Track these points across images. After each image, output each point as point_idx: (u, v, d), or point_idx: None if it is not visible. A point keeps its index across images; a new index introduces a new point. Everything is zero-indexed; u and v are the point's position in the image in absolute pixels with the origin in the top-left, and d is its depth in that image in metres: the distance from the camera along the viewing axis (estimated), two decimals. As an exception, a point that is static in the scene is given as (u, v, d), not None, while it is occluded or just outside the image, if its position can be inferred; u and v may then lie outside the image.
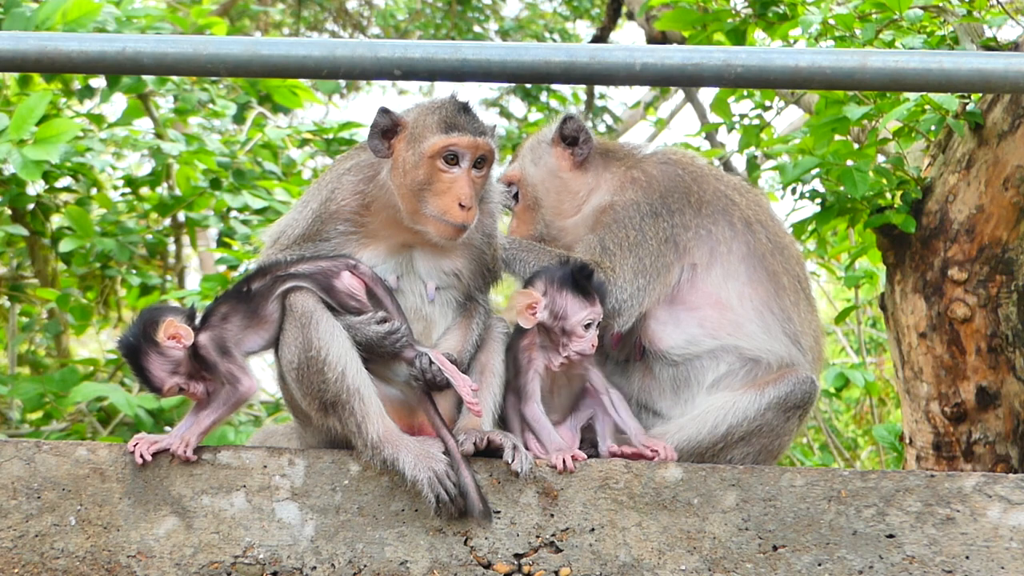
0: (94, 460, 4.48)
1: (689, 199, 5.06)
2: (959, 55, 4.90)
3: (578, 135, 5.27)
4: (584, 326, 4.64)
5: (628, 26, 17.10)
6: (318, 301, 4.57)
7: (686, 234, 5.01)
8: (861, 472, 4.38)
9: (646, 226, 5.00)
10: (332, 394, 4.48)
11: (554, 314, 4.65)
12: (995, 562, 4.26)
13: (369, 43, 5.09)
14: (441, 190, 4.62)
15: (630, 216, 5.02)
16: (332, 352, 4.49)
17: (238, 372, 4.55)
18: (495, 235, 4.88)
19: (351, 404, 4.47)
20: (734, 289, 5.01)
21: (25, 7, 8.10)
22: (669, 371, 5.00)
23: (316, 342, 4.50)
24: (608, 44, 11.55)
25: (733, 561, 4.33)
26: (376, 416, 4.47)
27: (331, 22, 19.10)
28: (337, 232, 4.75)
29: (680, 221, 5.02)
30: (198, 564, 4.41)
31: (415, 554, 4.39)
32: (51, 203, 9.54)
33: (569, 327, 4.63)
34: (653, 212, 5.02)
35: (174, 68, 5.13)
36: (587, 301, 4.65)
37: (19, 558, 4.43)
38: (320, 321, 4.53)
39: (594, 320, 4.65)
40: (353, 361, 4.50)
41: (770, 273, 5.05)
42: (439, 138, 4.63)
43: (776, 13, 7.40)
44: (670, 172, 5.13)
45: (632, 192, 5.08)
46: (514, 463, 4.36)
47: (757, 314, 4.99)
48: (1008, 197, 6.58)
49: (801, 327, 5.04)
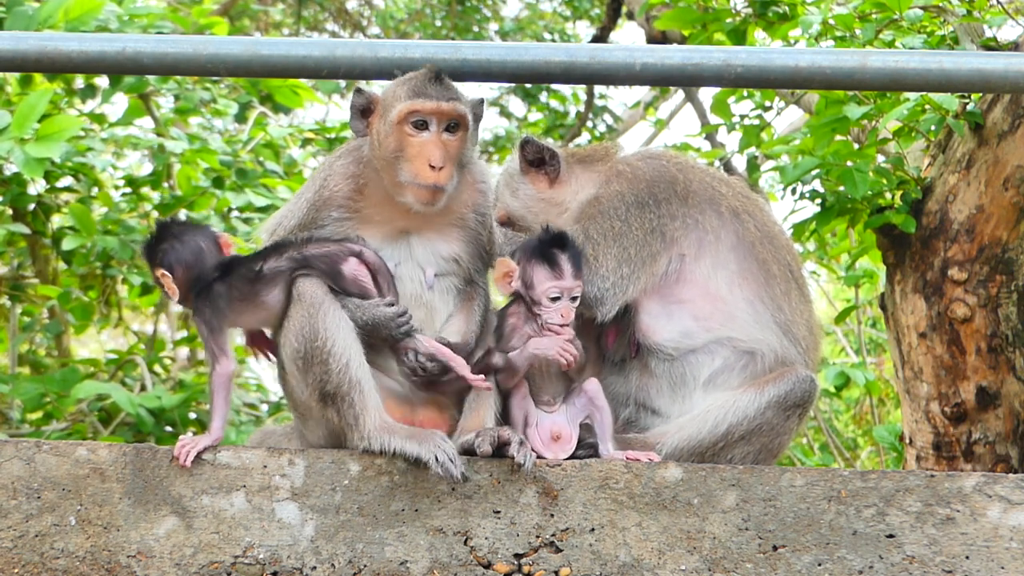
0: (94, 460, 4.48)
1: (675, 188, 5.04)
2: (959, 55, 4.91)
3: (542, 155, 5.24)
4: (550, 298, 4.63)
5: (628, 26, 17.09)
6: (327, 291, 4.61)
7: (673, 223, 5.00)
8: (861, 472, 4.38)
9: (631, 216, 4.99)
10: (334, 385, 4.51)
11: (524, 283, 4.66)
12: (995, 562, 4.26)
13: (369, 43, 5.10)
14: (412, 155, 4.65)
15: (615, 207, 5.00)
16: (338, 343, 4.52)
17: (218, 352, 4.60)
18: (488, 214, 4.89)
19: (351, 396, 4.50)
20: (724, 279, 5.00)
21: (27, 6, 8.10)
22: (665, 367, 4.99)
23: (323, 332, 4.54)
24: (608, 44, 11.55)
25: (733, 561, 4.33)
26: (374, 409, 4.50)
27: (331, 22, 19.09)
28: (332, 219, 4.77)
29: (667, 211, 5.01)
30: (198, 564, 4.41)
31: (415, 554, 4.40)
32: (52, 203, 9.54)
33: (535, 296, 4.63)
34: (639, 202, 5.01)
35: (174, 68, 5.14)
36: (553, 272, 4.63)
37: (19, 558, 4.43)
38: (328, 311, 4.56)
39: (561, 292, 4.63)
40: (357, 353, 4.54)
41: (759, 262, 5.04)
42: (404, 104, 4.67)
43: (776, 13, 7.39)
44: (655, 164, 5.12)
45: (617, 184, 5.06)
46: (518, 456, 4.40)
47: (748, 304, 4.98)
48: (1008, 197, 6.58)
49: (792, 316, 5.03)
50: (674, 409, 4.96)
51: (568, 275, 4.64)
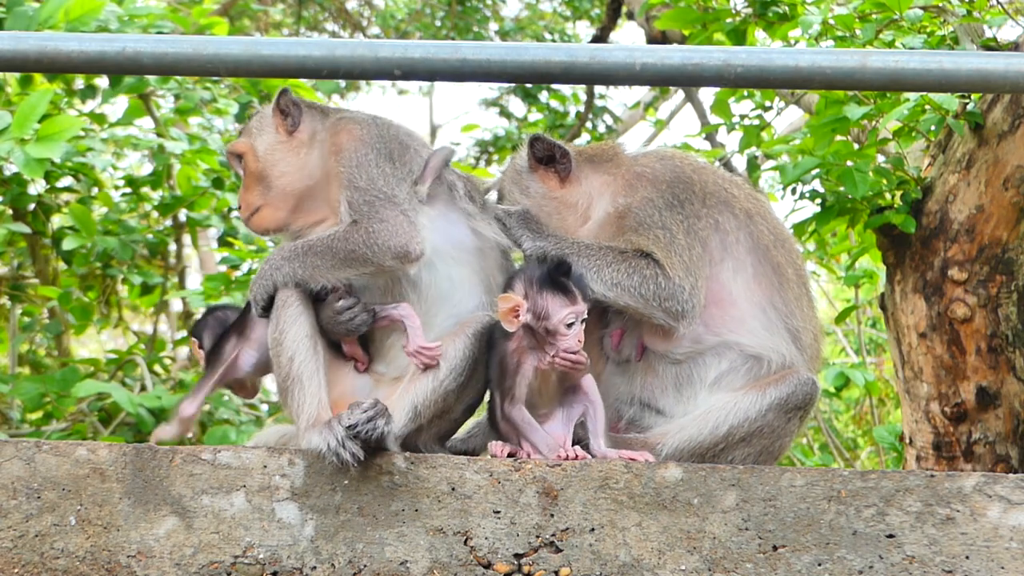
0: (94, 460, 4.48)
1: (693, 189, 4.99)
2: (959, 55, 4.90)
3: (552, 152, 5.15)
4: (567, 325, 4.61)
5: (628, 26, 17.10)
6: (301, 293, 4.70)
7: (699, 223, 4.94)
8: (861, 472, 4.38)
9: (667, 221, 4.91)
10: (282, 377, 4.65)
11: (536, 315, 4.61)
12: (995, 562, 4.26)
13: (369, 43, 5.09)
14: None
15: (648, 214, 4.93)
16: (288, 336, 4.64)
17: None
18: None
19: (293, 391, 4.62)
20: (741, 282, 4.95)
21: (27, 6, 8.11)
22: (672, 370, 4.97)
23: (280, 323, 4.67)
24: (608, 44, 11.55)
25: (733, 561, 4.33)
26: (309, 407, 4.57)
27: (331, 22, 19.10)
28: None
29: (691, 211, 4.95)
30: (198, 564, 4.41)
31: (415, 554, 4.39)
32: (52, 203, 9.54)
33: (552, 327, 4.59)
34: (668, 205, 4.93)
35: (174, 68, 5.13)
36: (567, 299, 4.60)
37: (19, 558, 4.44)
38: (290, 305, 4.67)
39: (576, 317, 4.62)
40: (304, 350, 4.62)
41: (774, 266, 4.99)
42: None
43: (776, 13, 7.40)
44: (670, 165, 5.08)
45: (643, 190, 4.98)
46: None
47: (760, 310, 4.95)
48: (1008, 197, 6.59)
49: (803, 323, 5.00)
50: (678, 409, 4.94)
51: (579, 299, 4.63)
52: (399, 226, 4.64)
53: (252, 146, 5.00)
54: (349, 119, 4.93)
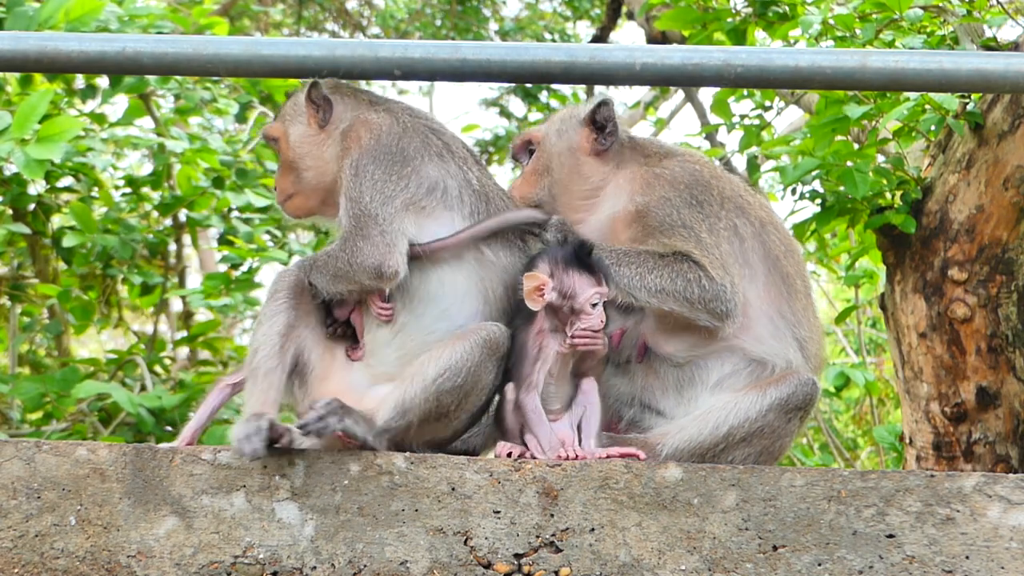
0: (94, 460, 4.48)
1: (711, 192, 4.95)
2: (959, 55, 4.91)
3: (607, 124, 5.07)
4: (592, 304, 4.63)
5: (628, 26, 17.10)
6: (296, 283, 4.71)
7: (719, 224, 4.92)
8: (861, 472, 4.38)
9: (687, 218, 4.88)
10: (246, 365, 4.69)
11: (562, 294, 4.62)
12: (995, 562, 4.26)
13: (369, 43, 5.10)
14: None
15: (668, 212, 4.89)
16: (261, 330, 4.68)
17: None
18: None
19: (249, 381, 4.65)
20: (753, 291, 4.91)
21: (27, 6, 8.11)
22: (673, 372, 4.96)
23: (261, 313, 4.73)
24: (608, 44, 11.55)
25: (733, 561, 4.33)
26: (256, 401, 4.57)
27: (331, 22, 19.10)
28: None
29: (710, 211, 4.91)
30: (198, 564, 4.41)
31: (415, 554, 4.39)
32: (52, 203, 9.54)
33: (578, 306, 4.61)
34: (686, 203, 4.91)
35: (174, 68, 5.14)
36: (594, 278, 4.64)
37: (19, 558, 4.44)
38: (277, 300, 4.71)
39: (601, 298, 4.64)
40: (269, 345, 4.65)
41: (784, 276, 4.97)
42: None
43: (776, 13, 7.40)
44: (689, 168, 5.02)
45: (660, 189, 4.93)
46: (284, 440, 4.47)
47: (768, 319, 4.92)
48: (1008, 197, 6.59)
49: (810, 332, 4.98)
50: (679, 411, 4.91)
51: (603, 280, 4.65)
52: (376, 245, 4.64)
53: (285, 133, 4.99)
54: (363, 121, 4.86)
